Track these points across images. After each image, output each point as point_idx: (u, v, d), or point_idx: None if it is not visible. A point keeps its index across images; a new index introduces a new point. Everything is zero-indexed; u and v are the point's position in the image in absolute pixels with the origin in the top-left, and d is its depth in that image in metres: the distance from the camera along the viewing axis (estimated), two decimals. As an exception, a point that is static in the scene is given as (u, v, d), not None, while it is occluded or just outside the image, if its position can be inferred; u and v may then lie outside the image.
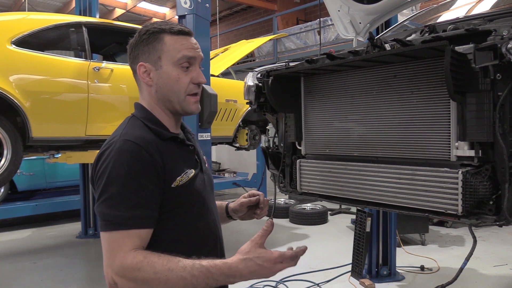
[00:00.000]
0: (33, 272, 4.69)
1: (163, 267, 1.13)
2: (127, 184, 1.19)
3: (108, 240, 1.18)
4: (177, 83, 1.32)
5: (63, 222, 7.05)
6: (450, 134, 1.63)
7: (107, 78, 4.36)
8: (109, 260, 1.17)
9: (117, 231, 1.17)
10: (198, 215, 1.36)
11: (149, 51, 1.32)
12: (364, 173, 1.91)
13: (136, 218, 1.18)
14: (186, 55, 1.32)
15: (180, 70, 1.32)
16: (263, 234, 1.20)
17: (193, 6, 4.20)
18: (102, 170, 1.22)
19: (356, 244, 4.29)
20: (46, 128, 3.97)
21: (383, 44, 1.80)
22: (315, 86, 2.15)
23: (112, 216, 1.18)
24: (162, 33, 1.32)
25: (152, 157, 1.23)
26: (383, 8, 2.99)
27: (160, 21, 1.40)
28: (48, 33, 4.31)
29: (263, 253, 1.16)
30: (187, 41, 1.34)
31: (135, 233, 1.18)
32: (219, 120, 5.24)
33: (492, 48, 1.47)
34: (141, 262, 1.14)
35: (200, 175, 1.40)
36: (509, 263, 4.65)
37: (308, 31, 9.53)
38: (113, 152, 1.22)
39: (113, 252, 1.17)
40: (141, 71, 1.34)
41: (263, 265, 1.15)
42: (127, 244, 1.17)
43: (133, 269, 1.14)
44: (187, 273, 1.13)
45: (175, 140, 1.36)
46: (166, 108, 1.36)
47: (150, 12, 15.30)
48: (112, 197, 1.19)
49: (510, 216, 1.50)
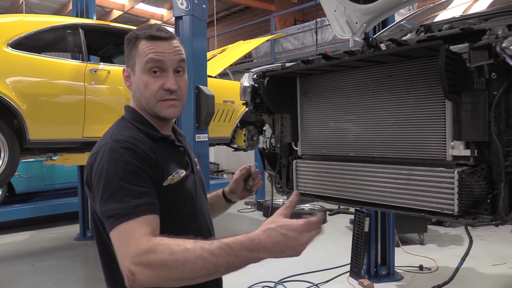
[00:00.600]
0: (32, 275, 4.68)
1: (179, 247, 1.06)
2: (127, 176, 1.17)
3: (119, 233, 1.12)
4: (146, 89, 1.30)
5: (61, 225, 7.04)
6: (446, 133, 1.62)
7: (104, 79, 4.36)
8: (123, 252, 1.10)
9: (127, 222, 1.12)
10: (190, 216, 1.35)
11: (128, 56, 1.34)
12: (360, 173, 1.91)
13: (144, 205, 1.15)
14: (152, 58, 1.28)
15: (149, 75, 1.29)
16: (289, 205, 1.11)
17: (189, 7, 4.19)
18: (99, 171, 1.20)
19: (355, 244, 4.29)
20: (43, 130, 3.96)
21: (378, 44, 1.80)
22: (311, 87, 2.15)
23: (119, 209, 1.13)
24: (137, 39, 1.31)
25: (145, 152, 1.23)
26: (379, 8, 2.99)
27: (146, 25, 1.39)
28: (45, 35, 4.31)
29: (287, 221, 1.05)
30: (157, 45, 1.29)
31: (145, 220, 1.13)
32: (216, 121, 5.24)
33: (486, 47, 1.46)
34: (157, 244, 1.07)
35: (191, 176, 1.39)
36: (507, 262, 4.66)
37: (305, 32, 9.53)
38: (106, 152, 1.21)
39: (126, 243, 1.10)
40: (124, 76, 1.37)
41: (287, 235, 1.02)
42: (138, 231, 1.11)
43: (149, 252, 1.06)
44: (205, 251, 1.05)
45: (165, 141, 1.36)
46: (146, 112, 1.35)
47: (147, 13, 15.28)
48: (115, 193, 1.15)
49: (506, 216, 1.49)
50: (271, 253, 1.04)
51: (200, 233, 1.36)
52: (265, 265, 4.67)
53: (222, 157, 11.52)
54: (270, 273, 4.40)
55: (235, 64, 9.40)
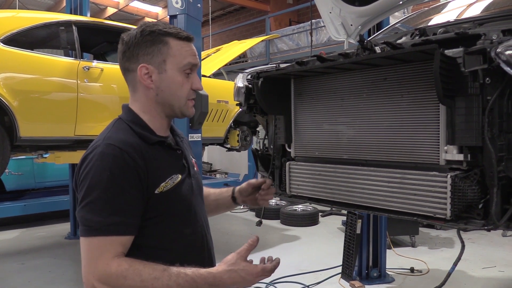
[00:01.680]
0: (21, 273, 4.64)
1: (149, 275, 1.14)
2: (109, 189, 1.17)
3: (89, 246, 1.17)
4: (181, 88, 1.34)
5: (52, 223, 7.00)
6: (439, 138, 1.62)
7: (97, 77, 4.32)
8: (90, 267, 1.16)
9: (98, 236, 1.16)
10: (184, 221, 1.34)
11: (153, 53, 1.30)
12: (353, 176, 1.90)
13: (117, 225, 1.17)
14: (191, 62, 1.34)
15: (183, 76, 1.34)
16: (248, 248, 1.27)
17: (184, 6, 4.17)
18: (84, 174, 1.21)
19: (347, 246, 4.29)
20: (34, 127, 3.92)
21: (373, 47, 1.79)
22: (305, 88, 2.14)
23: (93, 221, 1.16)
24: (168, 37, 1.31)
25: (135, 161, 1.21)
26: (374, 10, 2.99)
27: (159, 22, 1.39)
28: (38, 32, 4.27)
29: (247, 266, 1.23)
30: (190, 47, 1.36)
31: (116, 240, 1.17)
32: (210, 121, 5.22)
33: (481, 52, 1.46)
34: (127, 270, 1.15)
35: (187, 180, 1.38)
36: (497, 265, 4.69)
37: (300, 33, 9.54)
38: (96, 156, 1.20)
39: (95, 258, 1.16)
40: (142, 73, 1.31)
41: (245, 278, 1.22)
42: (109, 251, 1.16)
43: (119, 277, 1.14)
44: (172, 282, 1.15)
45: (161, 144, 1.33)
46: (162, 111, 1.35)
47: (142, 11, 15.22)
48: (93, 202, 1.18)
49: (498, 221, 1.49)
50: None
51: (194, 238, 1.37)
52: (256, 266, 4.67)
53: (215, 157, 11.50)
54: (262, 274, 4.39)
55: (229, 64, 9.38)
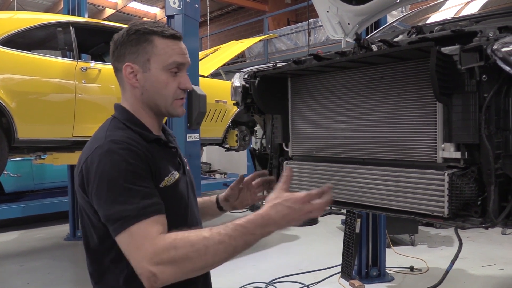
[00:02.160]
0: (20, 275, 4.63)
1: (197, 237, 1.11)
2: (131, 177, 1.15)
3: (131, 237, 1.11)
4: (166, 87, 1.30)
5: (51, 224, 6.99)
6: (437, 135, 1.62)
7: (95, 78, 4.32)
8: (139, 254, 1.10)
9: (138, 223, 1.11)
10: (183, 218, 1.34)
11: (138, 52, 1.29)
12: (351, 175, 1.90)
13: (152, 206, 1.15)
14: (176, 60, 1.30)
15: (169, 74, 1.30)
16: (285, 180, 1.23)
17: (182, 6, 4.17)
18: (99, 174, 1.16)
19: (346, 245, 4.29)
20: (32, 129, 3.92)
21: (369, 45, 1.79)
22: (302, 87, 2.13)
23: (127, 211, 1.12)
24: (153, 35, 1.29)
25: (144, 153, 1.22)
26: (372, 9, 2.99)
27: (149, 21, 1.37)
28: (35, 33, 4.26)
29: (290, 195, 1.17)
30: (177, 46, 1.32)
31: (155, 220, 1.14)
32: (208, 121, 5.22)
33: (477, 49, 1.46)
34: (175, 240, 1.10)
35: (183, 178, 1.38)
36: (497, 263, 4.69)
37: (298, 32, 9.54)
38: (103, 154, 1.18)
39: (140, 245, 1.10)
40: (127, 72, 1.30)
41: (292, 207, 1.15)
42: (151, 232, 1.11)
43: (169, 249, 1.08)
44: (223, 235, 1.11)
45: (158, 142, 1.33)
46: (150, 110, 1.34)
47: (141, 12, 15.22)
48: (121, 195, 1.14)
49: (496, 218, 1.49)
50: (280, 226, 1.16)
51: None
52: (256, 266, 4.66)
53: (214, 157, 11.49)
54: (261, 274, 4.40)
55: (227, 64, 9.39)
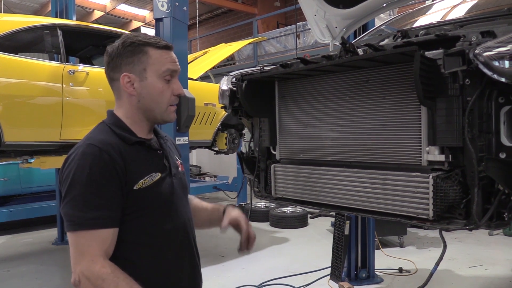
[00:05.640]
0: (7, 281, 4.57)
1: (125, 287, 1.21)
2: (89, 186, 1.25)
3: (75, 240, 1.25)
4: (161, 94, 1.40)
5: (39, 229, 6.90)
6: (421, 138, 1.64)
7: (83, 81, 4.28)
8: (77, 259, 1.24)
9: (80, 231, 1.23)
10: (164, 217, 1.40)
11: (134, 62, 1.39)
12: (337, 177, 1.91)
13: (98, 219, 1.25)
14: (170, 68, 1.40)
15: (163, 82, 1.40)
16: None
17: (170, 9, 4.16)
18: (67, 173, 1.29)
19: (335, 247, 4.30)
20: (19, 132, 3.87)
21: (355, 49, 1.81)
22: (289, 91, 2.14)
23: (75, 216, 1.24)
24: (147, 46, 1.39)
25: (113, 159, 1.30)
26: (359, 13, 3.01)
27: (141, 33, 1.47)
28: (22, 36, 4.22)
29: None
30: (169, 55, 1.42)
31: (98, 234, 1.25)
32: (197, 124, 5.20)
33: (460, 53, 1.48)
34: (108, 274, 1.21)
35: (168, 179, 1.43)
36: (484, 264, 4.73)
37: (287, 35, 9.57)
38: (78, 156, 1.30)
39: (81, 253, 1.24)
40: (125, 81, 1.39)
41: None
42: (93, 246, 1.23)
43: (98, 278, 1.21)
44: None
45: (142, 144, 1.41)
46: (144, 117, 1.43)
47: (129, 14, 15.14)
48: (74, 198, 1.25)
49: (480, 220, 1.51)
50: None
51: (175, 233, 1.43)
52: (246, 269, 4.65)
53: (204, 160, 11.46)
54: (251, 276, 4.39)
55: (217, 67, 9.38)
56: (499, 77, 1.40)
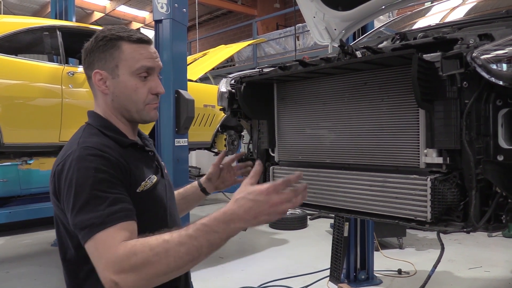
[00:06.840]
0: (6, 282, 4.57)
1: (157, 241, 1.07)
2: (99, 184, 1.13)
3: (96, 244, 1.08)
4: (135, 93, 1.30)
5: (38, 230, 6.89)
6: (419, 141, 1.64)
7: (82, 83, 4.30)
8: (102, 263, 1.06)
9: (103, 231, 1.08)
10: (162, 222, 1.34)
11: (106, 59, 1.28)
12: (336, 180, 1.92)
13: (119, 212, 1.12)
14: (144, 65, 1.29)
15: (138, 79, 1.29)
16: (253, 174, 1.13)
17: (169, 11, 4.16)
18: (68, 181, 1.15)
19: (334, 249, 4.30)
20: (18, 134, 3.88)
21: (354, 52, 1.81)
22: (288, 93, 2.15)
23: (93, 218, 1.09)
24: (120, 41, 1.28)
25: (117, 159, 1.20)
26: (358, 15, 3.02)
27: (118, 26, 1.36)
28: (21, 37, 4.23)
29: (253, 187, 1.08)
30: (146, 50, 1.30)
31: (121, 227, 1.11)
32: (197, 125, 5.21)
33: (458, 56, 1.49)
34: (134, 246, 1.06)
35: (162, 181, 1.38)
36: (483, 265, 4.73)
37: (287, 37, 9.58)
38: (75, 161, 1.17)
39: (103, 253, 1.07)
40: (97, 79, 1.30)
41: (256, 199, 1.06)
42: (115, 240, 1.08)
43: (128, 256, 1.04)
44: (184, 237, 1.06)
45: (134, 146, 1.33)
46: (122, 117, 1.34)
47: (129, 15, 15.17)
48: (87, 202, 1.11)
49: (477, 223, 1.51)
50: (246, 221, 1.06)
51: None
52: (245, 270, 4.66)
53: (203, 161, 11.47)
54: (250, 278, 4.39)
55: (216, 68, 9.38)
56: (496, 80, 1.40)
